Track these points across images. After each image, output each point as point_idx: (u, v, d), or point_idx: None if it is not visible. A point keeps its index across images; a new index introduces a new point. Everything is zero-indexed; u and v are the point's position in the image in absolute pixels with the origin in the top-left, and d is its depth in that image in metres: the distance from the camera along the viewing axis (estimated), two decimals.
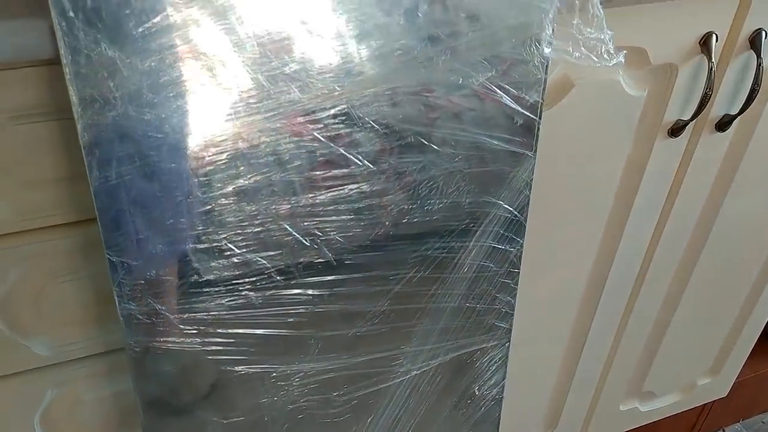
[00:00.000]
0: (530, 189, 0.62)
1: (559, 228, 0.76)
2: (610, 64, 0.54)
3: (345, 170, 0.54)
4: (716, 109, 0.74)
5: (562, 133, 0.67)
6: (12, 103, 0.45)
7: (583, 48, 0.54)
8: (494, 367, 0.73)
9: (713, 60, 0.67)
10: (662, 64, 0.67)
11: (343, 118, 0.51)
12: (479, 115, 0.57)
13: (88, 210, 0.51)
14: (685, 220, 0.83)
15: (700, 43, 0.67)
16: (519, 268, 0.67)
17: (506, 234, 0.64)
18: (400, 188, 0.57)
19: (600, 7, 0.53)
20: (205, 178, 0.49)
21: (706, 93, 0.69)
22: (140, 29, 0.42)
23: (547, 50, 0.53)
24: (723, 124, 0.75)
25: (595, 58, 0.54)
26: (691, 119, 0.71)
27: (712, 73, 0.68)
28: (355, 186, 0.54)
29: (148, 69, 0.43)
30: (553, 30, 0.54)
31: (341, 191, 0.54)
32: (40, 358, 0.57)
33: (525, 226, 0.64)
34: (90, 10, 0.40)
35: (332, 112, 0.51)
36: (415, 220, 0.59)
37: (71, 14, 0.40)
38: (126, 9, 0.41)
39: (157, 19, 0.42)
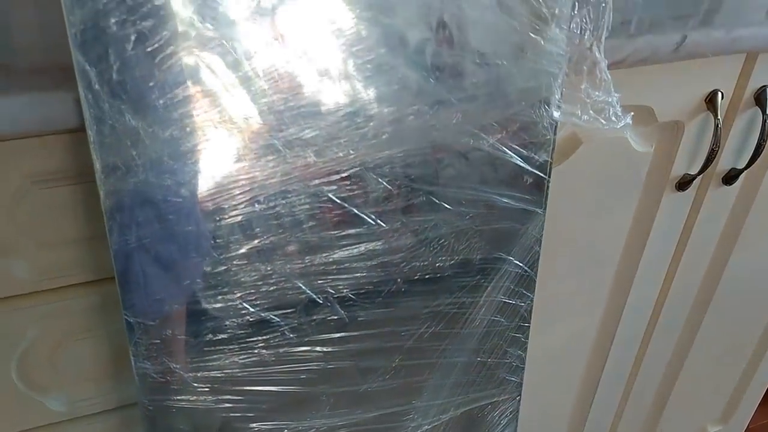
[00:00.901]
0: (540, 245, 0.63)
1: (568, 280, 0.76)
2: (618, 127, 0.56)
3: (358, 229, 0.54)
4: (723, 164, 0.75)
5: (570, 188, 0.68)
6: (35, 168, 0.46)
7: (591, 111, 0.55)
8: (505, 421, 0.73)
9: (719, 117, 0.69)
10: (669, 121, 0.68)
11: (357, 179, 0.52)
12: (490, 174, 0.58)
13: (106, 269, 0.52)
14: (693, 272, 0.84)
15: (706, 100, 0.68)
16: (529, 322, 0.67)
17: (517, 289, 0.65)
18: (412, 246, 0.57)
19: (607, 71, 0.54)
20: (221, 240, 0.50)
21: (712, 149, 0.70)
22: (162, 100, 0.43)
23: (556, 114, 0.55)
24: (730, 178, 0.76)
25: (603, 121, 0.55)
26: (698, 174, 0.72)
27: (719, 130, 0.69)
28: (368, 245, 0.55)
29: (169, 137, 0.44)
30: (561, 94, 0.55)
31: (354, 250, 0.55)
32: (54, 414, 0.57)
33: (535, 281, 0.65)
34: (115, 83, 0.41)
35: (346, 174, 0.52)
36: (427, 276, 0.60)
37: (97, 87, 0.41)
38: (150, 81, 0.42)
39: (178, 91, 0.43)
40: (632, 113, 0.56)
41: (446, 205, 0.57)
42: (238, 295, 0.52)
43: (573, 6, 0.52)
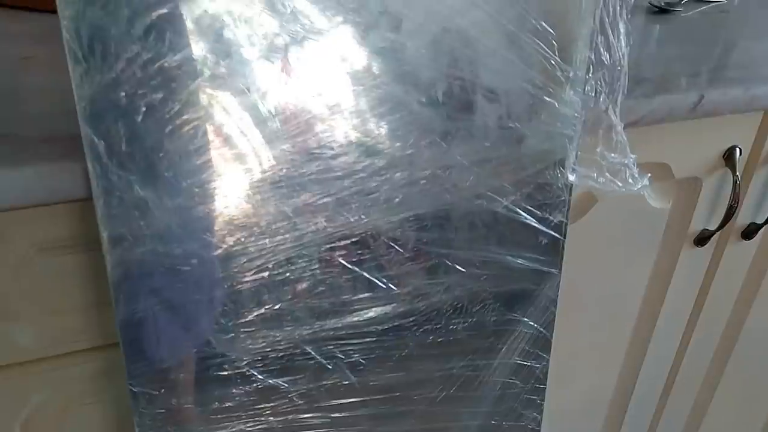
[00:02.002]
0: (556, 306, 0.62)
1: (585, 336, 0.74)
2: (635, 189, 0.54)
3: (369, 294, 0.53)
4: (742, 218, 0.74)
5: (586, 246, 0.66)
6: (41, 237, 0.46)
7: (607, 173, 0.54)
8: None
9: (738, 173, 0.67)
10: (686, 177, 0.67)
11: (368, 243, 0.51)
12: (504, 235, 0.56)
13: (112, 334, 0.51)
14: (712, 327, 0.82)
15: (724, 156, 0.67)
16: (545, 384, 0.66)
17: (532, 350, 0.63)
18: (424, 309, 0.56)
19: (623, 133, 0.53)
20: (229, 308, 0.48)
21: (731, 205, 0.68)
22: (171, 171, 0.42)
23: (571, 177, 0.54)
24: (749, 232, 0.75)
25: (619, 183, 0.54)
26: (717, 230, 0.71)
27: (737, 186, 0.67)
28: (379, 309, 0.54)
29: (178, 207, 0.44)
30: (576, 156, 0.54)
31: (365, 314, 0.54)
32: None
33: (551, 342, 0.63)
34: (124, 155, 0.41)
35: (357, 238, 0.51)
36: (440, 339, 0.58)
37: (105, 159, 0.41)
38: (159, 152, 0.42)
39: (187, 161, 0.43)
40: (649, 174, 0.55)
41: (459, 268, 0.56)
42: (246, 362, 0.51)
43: (588, 69, 0.51)
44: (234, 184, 0.45)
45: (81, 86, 0.38)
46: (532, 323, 0.61)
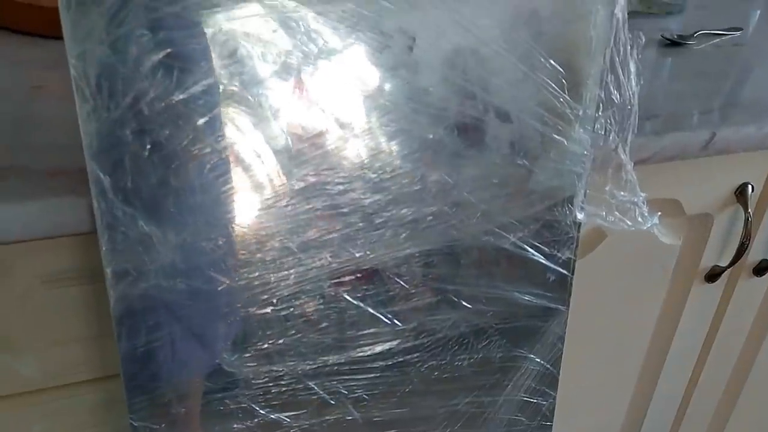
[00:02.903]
0: (563, 342, 0.61)
1: (593, 372, 0.73)
2: (645, 228, 0.54)
3: (373, 329, 0.53)
4: (753, 255, 0.73)
5: (595, 281, 0.66)
6: (45, 269, 0.45)
7: (616, 212, 0.53)
8: None
9: (750, 210, 0.66)
10: (697, 214, 0.66)
11: (373, 279, 0.51)
12: (511, 272, 0.56)
13: (113, 366, 0.50)
14: (722, 364, 0.80)
15: (735, 193, 0.66)
16: (552, 421, 0.65)
17: (538, 387, 0.62)
18: (429, 345, 0.56)
19: (633, 172, 0.52)
20: (232, 344, 0.48)
21: (743, 242, 0.68)
22: (176, 207, 0.42)
23: (580, 215, 0.53)
24: (761, 269, 0.73)
25: (629, 222, 0.53)
26: (729, 266, 0.70)
27: (749, 223, 0.67)
28: (384, 344, 0.54)
29: (182, 242, 0.43)
30: (585, 194, 0.53)
31: (369, 350, 0.53)
32: None
33: (558, 378, 0.62)
34: (129, 191, 0.41)
35: (362, 274, 0.50)
36: (445, 376, 0.57)
37: (111, 195, 0.40)
38: (164, 188, 0.42)
39: (192, 197, 0.43)
40: (659, 213, 0.54)
41: (465, 304, 0.55)
42: (248, 396, 0.51)
43: (598, 107, 0.51)
44: (239, 219, 0.45)
45: (88, 123, 0.38)
46: (538, 360, 0.61)
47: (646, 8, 0.88)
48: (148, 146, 0.40)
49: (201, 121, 0.41)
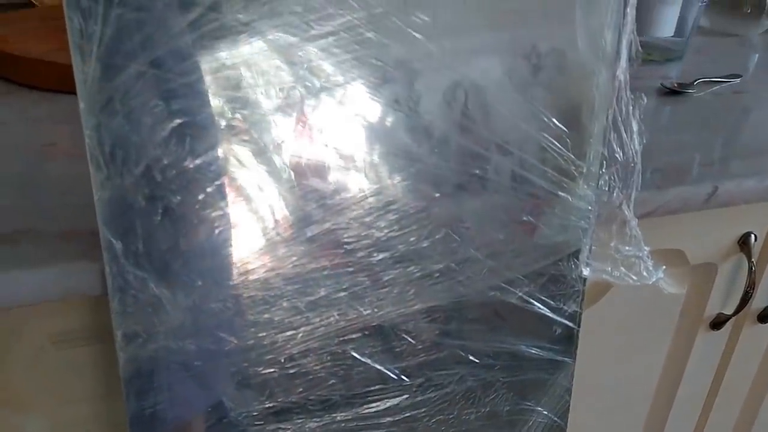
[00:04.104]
0: (570, 394, 0.61)
1: (600, 422, 0.73)
2: (650, 282, 0.54)
3: (381, 385, 0.53)
4: (758, 302, 0.73)
5: (600, 331, 0.66)
6: (55, 329, 0.46)
7: (621, 267, 0.54)
8: None
9: (753, 259, 0.67)
10: (701, 263, 0.67)
11: (380, 336, 0.51)
12: (517, 325, 0.56)
13: (122, 425, 0.51)
14: (728, 410, 0.80)
15: (739, 242, 0.67)
16: None
17: None
18: (436, 400, 0.56)
19: (637, 228, 0.53)
20: (240, 402, 0.48)
21: (747, 291, 0.68)
22: (186, 270, 0.43)
23: (585, 271, 0.53)
24: (765, 316, 0.74)
25: (634, 277, 0.54)
26: (734, 314, 0.70)
27: (753, 272, 0.67)
28: (391, 400, 0.53)
29: (191, 304, 0.44)
30: (590, 249, 0.54)
31: (376, 406, 0.53)
32: None
33: (566, 429, 0.62)
34: (140, 255, 0.41)
35: (370, 331, 0.51)
36: (452, 430, 0.57)
37: (122, 259, 0.41)
38: (174, 252, 0.42)
39: (202, 259, 0.43)
40: (663, 267, 0.55)
41: (472, 358, 0.55)
42: None
43: (601, 164, 0.52)
44: (248, 280, 0.45)
45: (102, 191, 0.39)
46: (546, 412, 0.60)
47: (646, 55, 0.89)
48: (160, 211, 0.41)
49: (211, 187, 0.42)
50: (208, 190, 0.42)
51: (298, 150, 0.44)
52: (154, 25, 0.37)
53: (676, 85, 0.79)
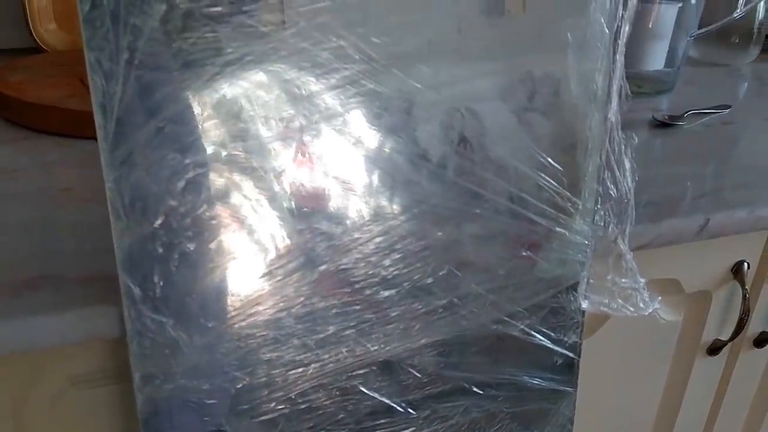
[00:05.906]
0: (572, 423, 0.62)
1: None
2: (646, 313, 0.56)
3: (388, 418, 0.54)
4: (753, 327, 0.74)
5: (600, 361, 0.67)
6: (75, 371, 0.47)
7: (619, 299, 0.55)
8: None
9: (746, 286, 0.69)
10: (696, 291, 0.69)
11: (387, 370, 0.53)
12: (519, 357, 0.58)
13: None
14: None
15: (732, 271, 0.69)
16: None
17: None
18: (442, 431, 0.57)
19: (633, 261, 0.55)
20: None
21: (741, 317, 0.70)
22: (203, 313, 0.45)
23: (584, 304, 0.55)
24: (761, 341, 0.75)
25: (631, 308, 0.56)
26: (730, 340, 0.72)
27: (747, 299, 0.69)
28: None
29: (208, 345, 0.46)
30: (588, 281, 0.56)
31: None
32: None
33: None
34: (158, 299, 0.43)
35: (377, 366, 0.52)
36: None
37: (140, 304, 0.43)
38: (192, 294, 0.44)
39: (216, 302, 0.45)
40: (659, 298, 0.57)
41: (476, 390, 0.57)
42: None
43: (596, 201, 0.54)
44: (260, 320, 0.47)
45: (121, 239, 0.41)
46: None
47: (637, 88, 0.92)
48: (176, 257, 0.43)
49: (225, 233, 0.44)
50: (223, 235, 0.44)
51: (306, 196, 0.46)
52: (171, 83, 0.40)
53: (666, 117, 0.82)
